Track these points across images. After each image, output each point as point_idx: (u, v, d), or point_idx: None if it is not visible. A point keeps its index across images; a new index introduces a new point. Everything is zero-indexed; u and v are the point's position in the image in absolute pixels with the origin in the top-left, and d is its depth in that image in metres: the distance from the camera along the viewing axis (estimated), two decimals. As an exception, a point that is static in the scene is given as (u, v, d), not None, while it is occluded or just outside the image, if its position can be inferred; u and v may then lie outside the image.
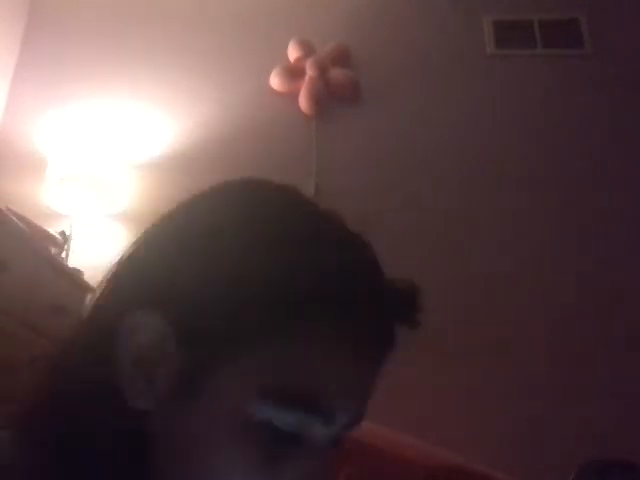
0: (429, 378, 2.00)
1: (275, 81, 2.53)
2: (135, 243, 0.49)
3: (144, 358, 0.43)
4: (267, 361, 0.42)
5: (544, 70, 2.58)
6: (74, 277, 1.91)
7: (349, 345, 0.44)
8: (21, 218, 1.76)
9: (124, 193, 2.30)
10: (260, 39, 2.66)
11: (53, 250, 1.99)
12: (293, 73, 2.53)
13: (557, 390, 2.01)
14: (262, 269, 0.42)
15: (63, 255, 2.10)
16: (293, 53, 2.58)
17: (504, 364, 2.05)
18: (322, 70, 2.50)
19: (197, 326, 0.42)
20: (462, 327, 2.10)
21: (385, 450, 1.06)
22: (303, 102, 2.48)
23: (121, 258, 0.49)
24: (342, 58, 2.58)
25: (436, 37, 2.67)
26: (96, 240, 2.25)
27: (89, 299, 1.91)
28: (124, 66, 2.60)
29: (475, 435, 1.87)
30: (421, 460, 1.07)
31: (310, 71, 2.50)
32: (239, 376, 0.42)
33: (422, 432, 1.25)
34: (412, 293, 0.47)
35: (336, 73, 2.52)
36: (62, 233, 2.12)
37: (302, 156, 2.39)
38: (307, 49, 2.57)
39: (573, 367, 2.04)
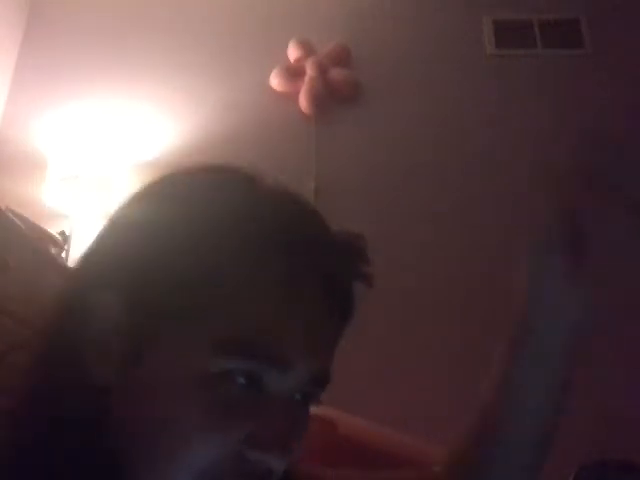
0: (429, 377, 2.00)
1: (275, 81, 2.53)
2: (102, 228, 0.54)
3: (100, 334, 0.45)
4: (217, 315, 0.43)
5: (544, 70, 2.57)
6: (74, 277, 1.91)
7: (296, 295, 0.45)
8: (21, 218, 1.76)
9: (124, 193, 2.29)
10: (260, 39, 2.66)
11: (53, 250, 1.98)
12: (293, 73, 2.52)
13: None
14: (197, 234, 0.45)
15: (63, 255, 2.10)
16: (293, 53, 2.58)
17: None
18: (322, 70, 2.50)
19: (145, 294, 0.45)
20: (462, 326, 2.10)
21: (384, 450, 1.06)
22: (303, 102, 2.48)
23: (89, 244, 0.53)
24: (342, 58, 2.58)
25: (436, 37, 2.67)
26: (96, 240, 2.25)
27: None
28: (124, 66, 2.60)
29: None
30: (420, 460, 1.07)
31: (310, 71, 2.49)
32: (191, 332, 0.43)
33: (422, 432, 1.25)
34: (357, 246, 0.49)
35: (336, 73, 2.52)
36: (62, 233, 2.12)
37: (302, 156, 2.39)
38: (307, 49, 2.56)
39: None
